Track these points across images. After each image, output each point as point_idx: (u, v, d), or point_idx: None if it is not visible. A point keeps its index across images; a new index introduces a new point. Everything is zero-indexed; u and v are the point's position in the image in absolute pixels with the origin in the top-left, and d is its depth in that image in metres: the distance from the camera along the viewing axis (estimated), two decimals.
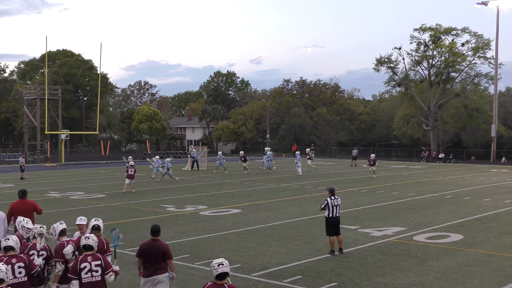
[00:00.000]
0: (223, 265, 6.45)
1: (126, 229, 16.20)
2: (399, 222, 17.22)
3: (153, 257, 8.32)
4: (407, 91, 65.66)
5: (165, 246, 8.44)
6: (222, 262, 6.50)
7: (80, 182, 32.42)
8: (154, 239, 8.46)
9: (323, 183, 30.28)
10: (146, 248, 8.42)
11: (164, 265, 8.41)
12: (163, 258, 8.38)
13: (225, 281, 6.44)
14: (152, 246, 8.40)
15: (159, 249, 8.36)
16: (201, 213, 19.48)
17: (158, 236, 8.49)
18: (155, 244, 8.41)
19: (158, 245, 8.40)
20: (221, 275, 6.42)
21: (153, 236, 8.47)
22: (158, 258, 8.34)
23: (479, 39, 61.38)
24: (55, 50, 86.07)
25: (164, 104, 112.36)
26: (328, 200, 12.94)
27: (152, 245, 8.41)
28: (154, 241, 8.44)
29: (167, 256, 8.39)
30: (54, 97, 62.39)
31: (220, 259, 6.57)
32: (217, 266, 6.45)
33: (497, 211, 19.73)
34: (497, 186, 29.57)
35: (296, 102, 78.91)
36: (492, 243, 14.10)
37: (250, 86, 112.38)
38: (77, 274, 7.32)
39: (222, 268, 6.43)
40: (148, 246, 8.43)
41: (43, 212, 13.18)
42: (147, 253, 8.38)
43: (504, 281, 10.60)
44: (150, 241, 8.48)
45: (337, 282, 10.53)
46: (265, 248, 13.49)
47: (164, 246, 8.43)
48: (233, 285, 6.53)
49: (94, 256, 7.50)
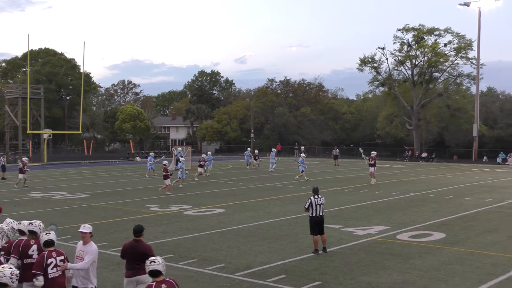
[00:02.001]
0: (155, 263, 6.61)
1: (109, 230, 16.11)
2: (382, 221, 17.33)
3: (135, 258, 8.29)
4: (390, 91, 66.06)
5: (147, 247, 8.40)
6: (155, 260, 6.68)
7: (63, 182, 32.15)
8: (137, 240, 8.43)
9: (307, 182, 30.35)
10: (128, 248, 8.39)
11: (143, 266, 8.35)
12: (144, 259, 8.33)
13: (161, 278, 6.58)
14: (135, 246, 8.38)
15: (141, 249, 8.33)
16: (185, 212, 19.43)
17: (140, 236, 8.46)
18: (137, 245, 8.39)
19: (140, 246, 8.38)
20: (153, 272, 6.58)
21: (135, 236, 8.45)
22: (141, 259, 8.28)
23: (461, 40, 62.02)
24: (38, 49, 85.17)
25: (148, 103, 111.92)
26: (311, 199, 12.97)
27: (135, 246, 8.38)
28: (137, 242, 8.42)
29: (148, 256, 8.34)
30: (36, 96, 61.79)
31: (155, 257, 6.79)
32: (149, 263, 6.63)
33: (479, 210, 19.95)
34: (479, 185, 29.89)
35: (280, 102, 79.03)
36: (474, 241, 14.25)
37: (234, 85, 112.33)
38: (43, 269, 7.38)
39: (154, 265, 6.59)
40: (130, 247, 8.40)
41: (25, 212, 13.04)
42: (129, 253, 8.35)
43: (485, 278, 10.72)
44: (133, 241, 8.46)
45: (321, 281, 10.57)
46: (249, 248, 13.50)
47: (146, 247, 8.40)
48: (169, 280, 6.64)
49: (58, 252, 7.64)
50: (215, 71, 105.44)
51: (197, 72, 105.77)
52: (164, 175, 25.62)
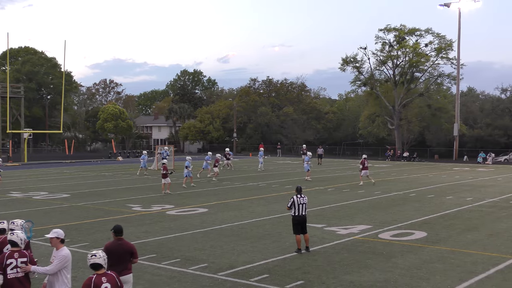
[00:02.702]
0: (95, 256, 6.77)
1: (91, 230, 15.97)
2: (364, 220, 17.42)
3: (120, 257, 8.23)
4: (372, 91, 66.45)
5: (132, 246, 8.46)
6: (95, 253, 6.82)
7: (44, 182, 31.80)
8: (120, 239, 8.40)
9: (290, 181, 30.41)
10: (113, 248, 8.28)
11: (130, 265, 8.37)
12: (130, 258, 8.35)
13: (102, 271, 6.76)
14: (119, 245, 8.32)
15: (126, 248, 8.32)
16: (168, 212, 19.35)
17: (122, 235, 8.46)
18: (121, 244, 8.35)
19: (125, 245, 8.37)
20: (94, 265, 6.76)
21: (117, 236, 8.40)
22: (125, 258, 8.30)
23: (442, 40, 62.63)
24: (17, 47, 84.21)
25: (130, 102, 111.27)
26: (294, 198, 12.99)
27: (119, 245, 8.33)
28: (120, 241, 8.38)
29: (134, 255, 8.39)
30: (16, 95, 61.04)
31: (96, 250, 6.93)
32: (90, 257, 6.79)
33: (460, 209, 20.17)
34: (460, 184, 30.21)
35: (263, 101, 79.11)
36: (455, 240, 14.39)
37: (217, 85, 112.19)
38: (2, 269, 7.34)
39: (95, 259, 6.76)
40: (115, 246, 8.32)
41: (4, 212, 12.88)
42: (114, 253, 8.22)
43: (466, 277, 10.83)
44: (116, 240, 8.40)
45: (303, 280, 10.59)
46: (232, 247, 13.48)
47: (132, 246, 8.45)
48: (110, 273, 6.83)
49: (21, 253, 7.52)
50: (197, 71, 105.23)
51: (180, 72, 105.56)
52: (163, 173, 25.53)
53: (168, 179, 25.43)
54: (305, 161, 32.79)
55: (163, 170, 25.61)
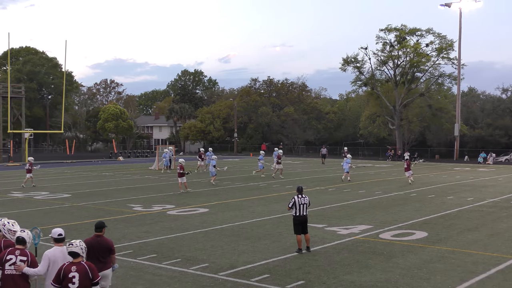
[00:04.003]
0: (72, 245, 6.99)
1: (92, 230, 15.91)
2: (365, 220, 17.42)
3: (99, 253, 8.49)
4: (373, 91, 66.43)
5: (110, 241, 8.70)
6: (72, 242, 7.04)
7: (44, 182, 31.82)
8: (98, 235, 8.66)
9: (291, 181, 30.42)
10: (91, 244, 8.49)
11: (109, 260, 8.61)
12: (108, 253, 8.59)
13: (79, 259, 6.97)
14: (98, 242, 8.58)
15: (105, 244, 8.58)
16: (168, 212, 19.35)
17: (101, 232, 8.70)
18: (100, 240, 8.61)
19: (104, 241, 8.62)
20: (71, 254, 6.98)
21: (97, 232, 8.67)
22: (104, 254, 8.55)
23: (443, 40, 62.57)
24: (18, 47, 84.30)
25: (130, 102, 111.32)
26: (295, 199, 12.99)
27: (98, 241, 8.59)
28: (99, 237, 8.65)
29: (112, 251, 8.65)
30: (17, 95, 61.03)
31: (74, 240, 7.12)
32: (68, 245, 7.03)
33: (460, 209, 20.16)
34: (460, 184, 30.20)
35: (264, 101, 79.10)
36: (455, 240, 14.39)
37: (217, 85, 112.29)
38: (1, 264, 7.39)
39: (72, 248, 6.97)
40: (94, 242, 8.56)
41: (5, 212, 12.90)
42: (95, 249, 8.49)
43: (466, 277, 10.83)
44: (95, 237, 8.66)
45: (304, 280, 10.59)
46: (233, 247, 13.48)
47: (109, 241, 8.69)
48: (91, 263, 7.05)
49: (23, 252, 7.52)
50: (198, 71, 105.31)
51: (181, 72, 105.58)
52: (180, 172, 25.68)
53: (184, 178, 25.70)
54: (346, 163, 31.95)
55: (180, 170, 25.79)
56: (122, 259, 12.20)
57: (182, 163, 26.62)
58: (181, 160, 27.24)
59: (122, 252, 12.85)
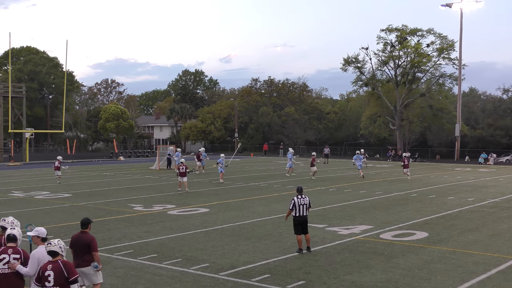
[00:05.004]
0: (51, 245, 7.02)
1: (92, 230, 15.88)
2: (366, 221, 17.42)
3: (80, 249, 8.66)
4: (374, 91, 66.39)
5: (90, 238, 8.75)
6: (51, 242, 7.08)
7: (45, 181, 31.84)
8: (83, 232, 8.82)
9: (291, 181, 30.41)
10: (75, 240, 8.76)
11: (87, 258, 8.66)
12: (88, 250, 8.67)
13: (58, 258, 6.99)
14: (80, 238, 8.75)
15: (84, 241, 8.69)
16: (169, 212, 19.36)
17: (86, 228, 8.82)
18: (82, 236, 8.77)
19: (84, 238, 8.75)
20: (50, 253, 7.02)
21: (82, 228, 8.83)
22: (84, 250, 8.66)
23: (444, 40, 62.53)
24: (19, 47, 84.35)
25: (131, 102, 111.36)
26: (294, 199, 12.97)
27: (80, 237, 8.76)
28: (82, 234, 8.81)
29: (91, 248, 8.69)
30: (18, 95, 61.08)
31: (53, 239, 7.16)
32: (47, 244, 7.08)
33: (461, 209, 20.15)
34: (461, 184, 30.19)
35: (265, 101, 79.08)
36: (456, 240, 14.38)
37: (218, 84, 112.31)
38: None
39: (50, 247, 7.01)
40: (77, 238, 8.78)
41: (5, 212, 12.90)
42: (75, 245, 8.72)
43: (467, 277, 10.82)
44: (79, 233, 8.85)
45: (305, 280, 10.59)
46: (234, 247, 13.49)
47: (90, 238, 8.75)
48: (67, 261, 7.07)
49: (15, 250, 7.52)
50: (199, 71, 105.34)
51: (181, 71, 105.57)
52: (182, 172, 25.80)
53: (185, 178, 25.78)
54: (360, 160, 34.66)
55: (184, 169, 25.90)
56: (123, 259, 12.22)
57: (184, 162, 26.74)
58: (183, 160, 27.38)
59: (123, 252, 12.87)
